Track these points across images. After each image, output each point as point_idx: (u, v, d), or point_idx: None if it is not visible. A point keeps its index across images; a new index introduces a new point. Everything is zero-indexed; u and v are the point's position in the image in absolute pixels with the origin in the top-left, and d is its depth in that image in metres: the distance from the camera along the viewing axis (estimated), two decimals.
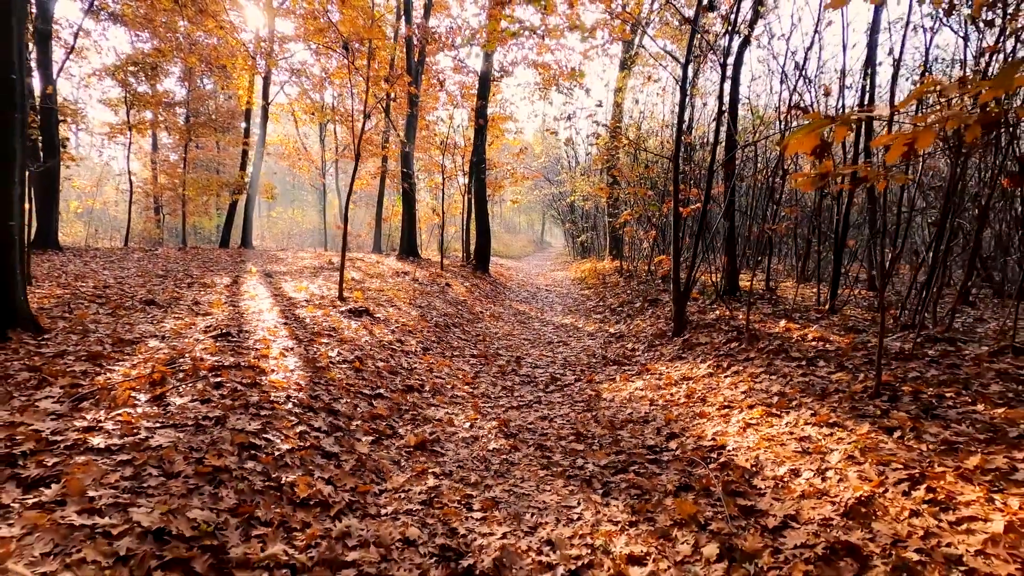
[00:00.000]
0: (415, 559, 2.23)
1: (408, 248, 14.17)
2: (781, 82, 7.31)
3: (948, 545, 1.98)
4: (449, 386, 4.81)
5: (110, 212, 26.95)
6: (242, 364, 3.78)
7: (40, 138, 10.82)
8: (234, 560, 1.99)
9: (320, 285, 8.00)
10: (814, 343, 4.94)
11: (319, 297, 6.96)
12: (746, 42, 7.67)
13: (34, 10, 10.89)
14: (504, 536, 2.44)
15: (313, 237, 36.55)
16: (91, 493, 2.05)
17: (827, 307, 6.55)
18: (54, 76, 11.33)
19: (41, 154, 10.47)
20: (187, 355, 3.84)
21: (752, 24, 7.68)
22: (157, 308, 5.64)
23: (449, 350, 6.14)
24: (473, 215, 14.64)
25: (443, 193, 13.81)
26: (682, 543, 2.35)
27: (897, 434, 2.91)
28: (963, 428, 2.86)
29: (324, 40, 13.18)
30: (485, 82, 13.16)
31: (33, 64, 11.11)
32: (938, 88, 1.89)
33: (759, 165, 9.15)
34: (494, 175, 17.77)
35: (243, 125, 19.96)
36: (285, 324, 5.22)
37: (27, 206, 6.57)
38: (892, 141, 2.17)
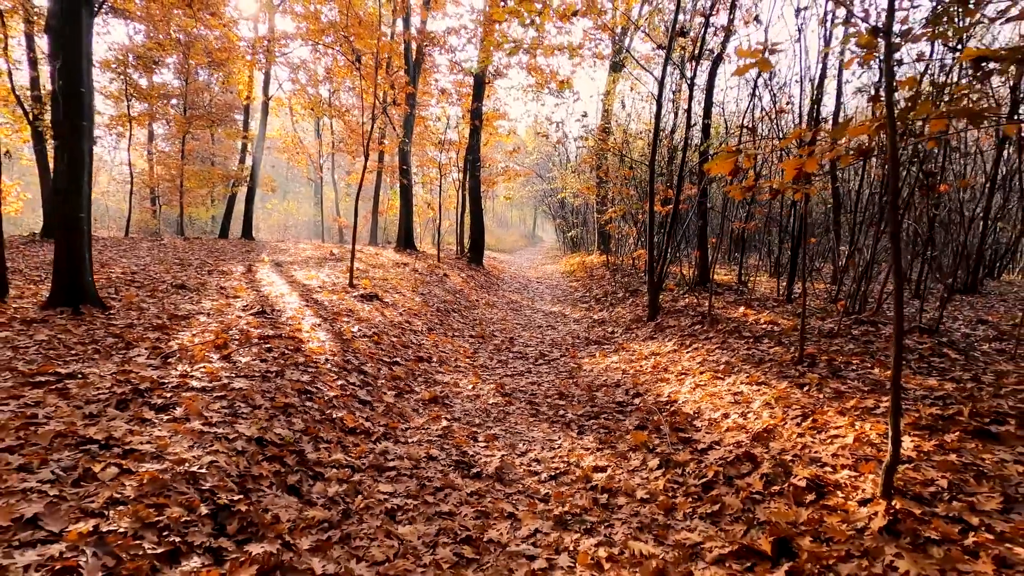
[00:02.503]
0: (438, 467, 3.04)
1: (406, 241, 14.88)
2: (751, 95, 8.16)
3: (815, 452, 2.83)
4: (453, 358, 5.61)
5: (103, 202, 27.23)
6: (283, 335, 4.55)
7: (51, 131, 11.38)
8: (311, 460, 2.78)
9: (328, 274, 8.71)
10: (764, 325, 5.80)
11: (331, 284, 7.69)
12: (719, 58, 8.50)
13: (46, 4, 11.38)
14: (502, 456, 3.25)
15: (308, 229, 36.98)
16: (205, 414, 2.82)
17: (785, 297, 7.44)
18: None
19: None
20: (235, 328, 4.59)
21: (725, 42, 8.51)
22: (189, 292, 6.35)
23: (450, 331, 6.93)
24: (468, 210, 15.38)
25: (440, 189, 14.53)
26: (634, 459, 3.19)
27: (806, 388, 3.76)
28: (855, 383, 3.72)
29: (323, 39, 13.79)
30: (480, 84, 13.87)
31: (46, 57, 11.62)
32: (802, 132, 2.71)
33: None
34: (488, 172, 18.49)
35: (241, 118, 20.46)
36: (307, 306, 5.97)
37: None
38: (787, 167, 3.02)
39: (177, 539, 1.94)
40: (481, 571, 2.16)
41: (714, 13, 6.82)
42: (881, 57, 4.46)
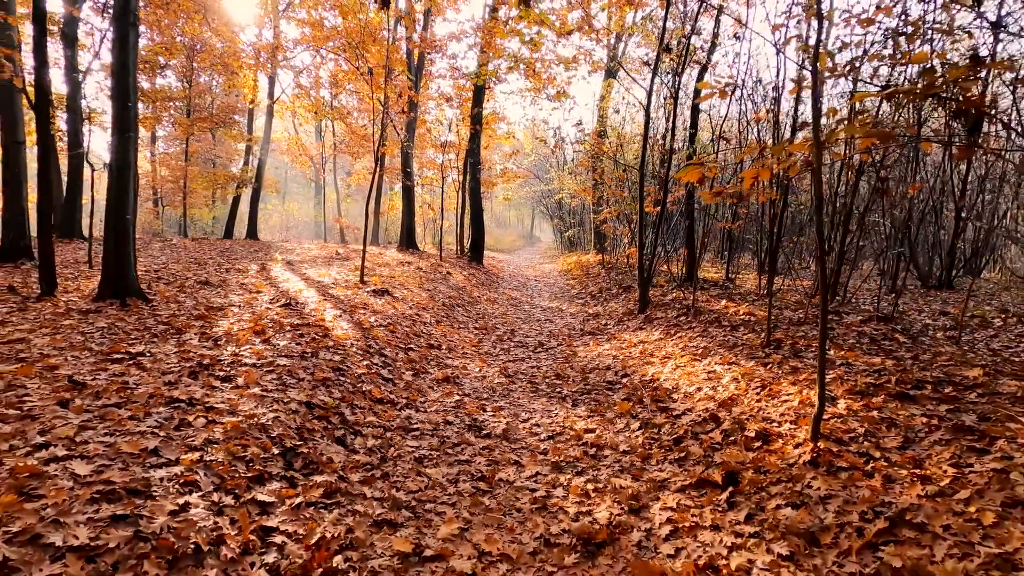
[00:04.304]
0: (454, 429, 3.62)
1: (408, 240, 15.44)
2: (728, 104, 8.79)
3: (767, 413, 3.42)
4: (460, 346, 6.19)
5: (102, 203, 27.60)
6: (310, 323, 5.12)
7: (66, 137, 11.91)
8: (350, 421, 3.36)
9: (338, 271, 9.26)
10: (743, 316, 6.39)
11: (343, 281, 8.25)
12: (705, 69, 9.09)
13: (61, 11, 11.90)
14: (508, 422, 3.83)
15: (309, 229, 37.47)
16: (261, 383, 3.39)
17: (765, 292, 8.04)
18: (80, 79, 12.26)
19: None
20: (267, 317, 5.15)
21: (710, 53, 9.11)
22: (213, 287, 6.90)
23: (456, 323, 7.51)
24: (468, 210, 15.94)
25: (442, 190, 15.09)
26: (619, 424, 3.77)
27: (769, 366, 4.35)
28: (811, 361, 4.31)
29: (327, 46, 14.33)
30: (480, 91, 14.44)
31: (62, 65, 12.14)
32: (752, 150, 3.29)
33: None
34: (487, 173, 19.05)
35: (242, 120, 20.98)
36: (325, 299, 6.53)
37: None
38: (746, 176, 3.58)
39: (260, 468, 2.52)
40: (494, 499, 2.73)
41: (696, 31, 7.41)
42: (851, 79, 5.04)
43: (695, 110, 8.93)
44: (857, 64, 4.77)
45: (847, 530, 2.10)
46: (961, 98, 2.35)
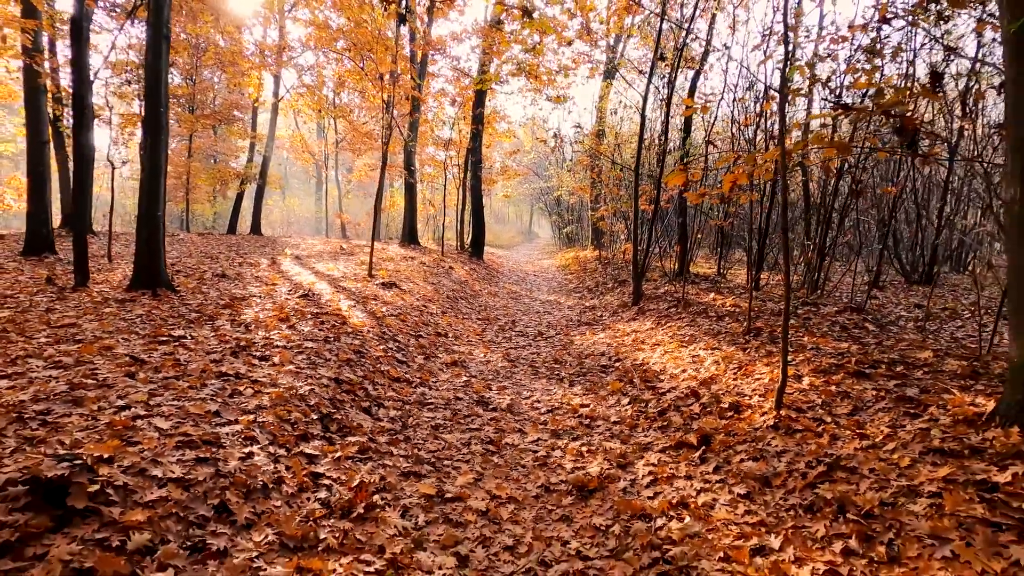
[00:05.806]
0: (464, 403, 4.07)
1: (410, 236, 15.85)
2: (719, 106, 9.23)
3: (740, 388, 3.87)
4: (465, 335, 6.64)
5: (104, 197, 28.01)
6: (328, 312, 5.55)
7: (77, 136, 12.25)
8: (373, 396, 3.80)
9: (345, 265, 9.68)
10: (729, 308, 6.85)
11: (352, 274, 8.67)
12: (698, 73, 9.52)
13: (71, 10, 12.19)
14: (511, 398, 4.28)
15: (309, 225, 37.80)
16: (294, 362, 3.83)
17: (752, 286, 8.50)
18: (90, 78, 12.47)
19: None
20: (289, 307, 5.59)
21: (704, 57, 9.53)
22: (231, 280, 7.32)
23: (460, 314, 7.95)
24: (469, 207, 16.36)
25: (444, 188, 15.49)
26: (611, 400, 4.23)
27: (747, 351, 4.80)
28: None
29: (333, 46, 14.67)
30: (482, 92, 14.83)
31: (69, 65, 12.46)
32: (730, 158, 3.73)
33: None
34: (487, 171, 19.45)
35: (244, 116, 21.30)
36: (338, 291, 6.96)
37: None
38: (726, 180, 4.02)
39: (303, 429, 2.96)
40: (502, 458, 3.19)
41: (691, 36, 7.83)
42: (836, 83, 5.49)
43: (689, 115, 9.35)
44: (833, 78, 5.22)
45: (794, 475, 2.56)
46: (902, 117, 2.79)
